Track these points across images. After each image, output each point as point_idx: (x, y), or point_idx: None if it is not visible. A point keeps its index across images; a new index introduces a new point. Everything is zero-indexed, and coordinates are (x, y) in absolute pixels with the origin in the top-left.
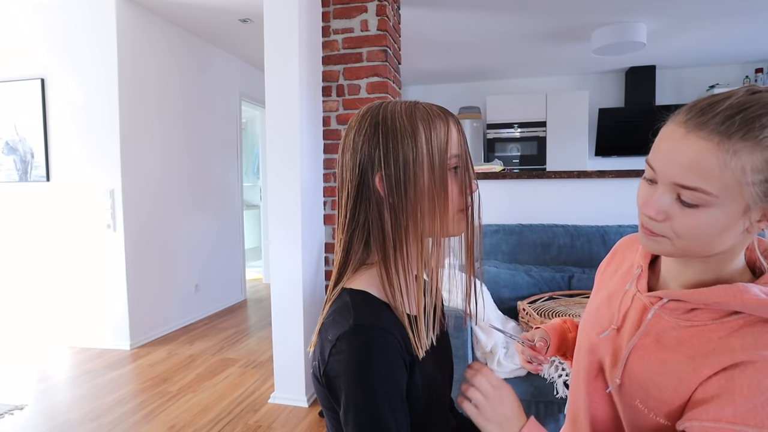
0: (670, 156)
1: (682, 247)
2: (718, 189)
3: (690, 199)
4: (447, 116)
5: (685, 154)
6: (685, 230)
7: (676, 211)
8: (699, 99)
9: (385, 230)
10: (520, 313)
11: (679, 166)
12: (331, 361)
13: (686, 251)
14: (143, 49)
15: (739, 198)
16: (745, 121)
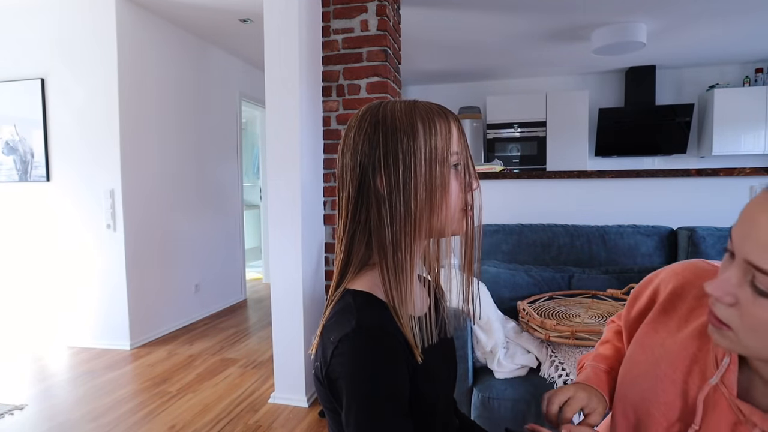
0: (747, 227)
1: (754, 349)
2: None
3: (765, 286)
4: (447, 114)
5: (764, 227)
6: (754, 325)
7: (747, 297)
8: None
9: (386, 230)
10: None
11: (756, 241)
12: (334, 362)
13: (759, 353)
14: (143, 49)
15: None
16: None
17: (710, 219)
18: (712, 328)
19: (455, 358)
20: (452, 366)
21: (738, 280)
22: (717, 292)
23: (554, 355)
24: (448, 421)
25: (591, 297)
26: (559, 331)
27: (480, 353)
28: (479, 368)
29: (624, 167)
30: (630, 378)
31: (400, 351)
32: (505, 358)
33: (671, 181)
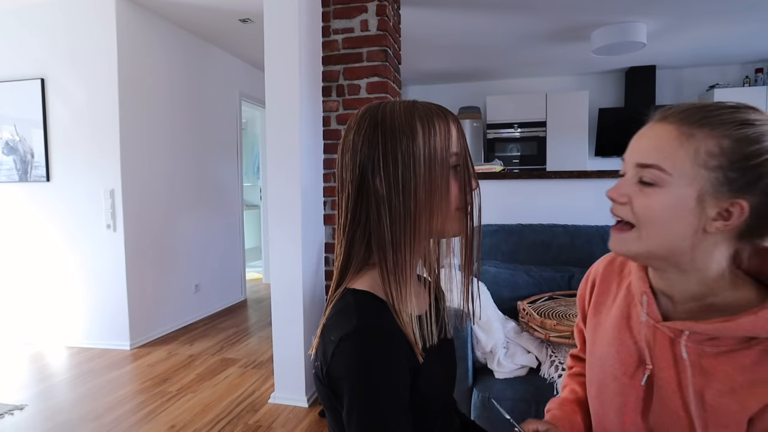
0: (635, 143)
1: (647, 240)
2: (673, 167)
3: (648, 177)
4: (446, 115)
5: (648, 137)
6: (642, 210)
7: (635, 192)
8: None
9: (386, 230)
10: (520, 313)
11: (641, 148)
12: (334, 361)
13: (649, 245)
14: (143, 49)
15: (692, 181)
16: (703, 113)
17: None
18: (614, 238)
19: (455, 358)
20: (452, 366)
21: (629, 182)
22: (614, 193)
23: (554, 355)
24: (447, 421)
25: None
26: (559, 331)
27: (480, 353)
28: (479, 368)
29: None
30: (592, 365)
31: (400, 350)
32: (505, 358)
33: None
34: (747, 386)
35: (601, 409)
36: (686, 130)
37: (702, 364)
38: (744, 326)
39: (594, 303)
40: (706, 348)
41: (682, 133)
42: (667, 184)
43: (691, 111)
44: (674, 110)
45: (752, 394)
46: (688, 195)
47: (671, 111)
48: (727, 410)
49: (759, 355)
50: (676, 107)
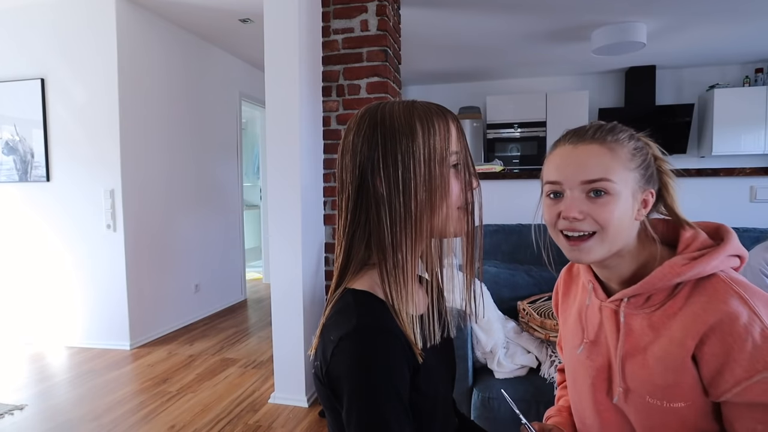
0: (570, 164)
1: (608, 241)
2: (615, 175)
3: (599, 188)
4: (445, 114)
5: (581, 157)
6: (607, 218)
7: (590, 206)
8: (567, 131)
9: (386, 231)
10: (520, 313)
11: (581, 167)
12: (334, 361)
13: (611, 245)
14: (143, 49)
15: (628, 183)
16: (608, 132)
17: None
18: (576, 251)
19: (454, 358)
20: (451, 366)
21: (579, 199)
22: (574, 212)
23: (554, 355)
24: (447, 421)
25: None
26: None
27: (480, 353)
28: (479, 368)
29: None
30: (565, 359)
31: (400, 350)
32: (505, 358)
33: None
34: (680, 327)
35: (577, 399)
36: (609, 146)
37: (644, 324)
38: (657, 276)
39: (561, 308)
40: (645, 310)
41: (609, 149)
42: (614, 191)
43: (600, 132)
44: (586, 132)
45: (686, 332)
46: (628, 194)
47: (584, 134)
48: (671, 356)
49: (683, 300)
50: (581, 131)
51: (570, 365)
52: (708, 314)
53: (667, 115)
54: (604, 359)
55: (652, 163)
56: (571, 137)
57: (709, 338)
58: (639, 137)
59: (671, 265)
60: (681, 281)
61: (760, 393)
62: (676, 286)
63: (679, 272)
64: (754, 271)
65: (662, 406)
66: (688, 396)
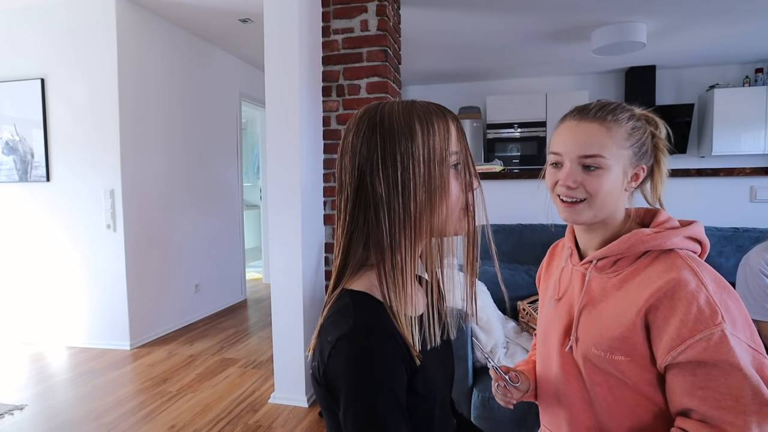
0: (571, 139)
1: (596, 207)
2: (609, 153)
3: (593, 163)
4: (445, 114)
5: (582, 134)
6: (597, 189)
7: (584, 177)
8: (575, 107)
9: (385, 232)
10: (520, 313)
11: (580, 143)
12: (331, 362)
13: (598, 211)
14: (143, 49)
15: (620, 160)
16: (610, 112)
17: (710, 219)
18: (568, 211)
19: (453, 359)
20: (449, 367)
21: (575, 170)
22: (569, 181)
23: None
24: (445, 422)
25: None
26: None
27: (480, 353)
28: (479, 368)
29: None
30: (539, 317)
31: (397, 352)
32: (505, 358)
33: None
34: (636, 289)
35: (546, 353)
36: (607, 126)
37: (608, 286)
38: (624, 241)
39: (543, 279)
40: (609, 274)
41: (607, 129)
42: (606, 166)
43: (603, 111)
44: (589, 111)
45: (640, 294)
46: (619, 170)
47: (588, 112)
48: (624, 313)
49: (643, 267)
50: (586, 109)
51: (542, 322)
52: (661, 280)
53: (667, 115)
54: (570, 316)
55: (648, 141)
56: (576, 114)
57: (661, 303)
58: (640, 116)
59: (638, 233)
60: (645, 250)
61: (701, 351)
62: (640, 256)
63: (643, 240)
64: (754, 271)
65: (604, 356)
66: (630, 352)
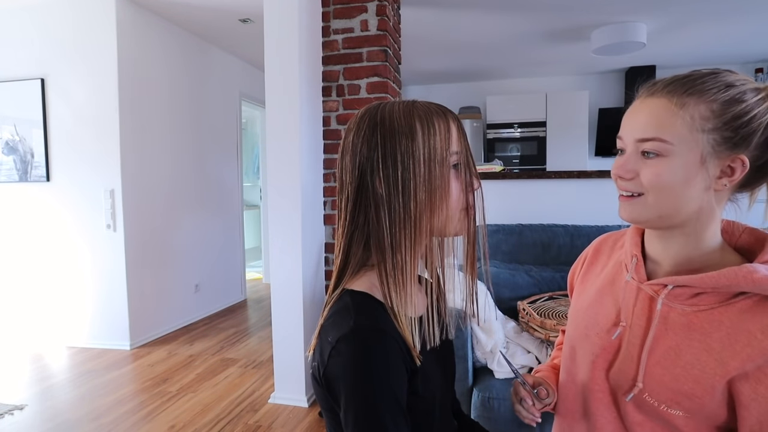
0: (631, 120)
1: (655, 204)
2: (673, 136)
3: (650, 149)
4: (446, 114)
5: (642, 112)
6: (652, 180)
7: (641, 165)
8: (656, 80)
9: (385, 231)
10: (520, 313)
11: (638, 124)
12: (331, 362)
13: (660, 210)
14: (143, 49)
15: (693, 146)
16: (689, 83)
17: None
18: (624, 206)
19: (453, 360)
20: (450, 367)
21: (632, 158)
22: (620, 170)
23: None
24: (445, 423)
25: None
26: (559, 331)
27: (480, 353)
28: (479, 368)
29: None
30: (571, 324)
31: (397, 352)
32: None
33: None
34: (725, 342)
35: (572, 366)
36: (678, 100)
37: (680, 321)
38: (726, 276)
39: (583, 273)
40: (686, 307)
41: (675, 104)
42: (669, 152)
43: (677, 83)
44: (660, 84)
45: (732, 351)
46: (691, 159)
47: (657, 86)
48: (702, 368)
49: (738, 313)
50: (661, 82)
51: (575, 333)
52: (766, 338)
53: None
54: (617, 340)
55: (763, 123)
56: (646, 89)
57: (764, 374)
58: (751, 88)
59: (750, 272)
60: (746, 292)
61: None
62: (736, 294)
63: (754, 281)
64: None
65: (657, 406)
66: (694, 411)
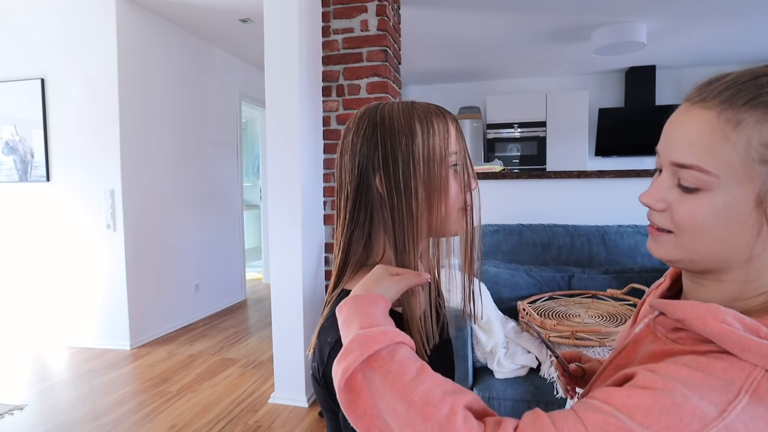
0: (669, 133)
1: (688, 248)
2: (718, 167)
3: (688, 181)
4: (444, 115)
5: (684, 127)
6: (685, 221)
7: (675, 198)
8: (710, 78)
9: (390, 232)
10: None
11: (677, 141)
12: (330, 363)
13: (694, 255)
14: (143, 49)
15: (746, 181)
16: (754, 89)
17: None
18: (651, 240)
19: (453, 360)
20: (450, 367)
21: (667, 184)
22: (649, 199)
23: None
24: None
25: (591, 297)
26: (559, 331)
27: (480, 353)
28: (479, 368)
29: (624, 167)
30: None
31: None
32: (505, 358)
33: None
34: None
35: None
36: (731, 116)
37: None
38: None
39: None
40: (666, 341)
41: (727, 121)
42: (713, 187)
43: (737, 87)
44: (716, 87)
45: None
46: (742, 198)
47: (712, 89)
48: None
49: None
50: (718, 83)
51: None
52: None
53: (668, 115)
54: None
55: None
56: (698, 90)
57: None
58: None
59: (709, 310)
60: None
61: None
62: (705, 340)
63: (705, 325)
64: None
65: None
66: None
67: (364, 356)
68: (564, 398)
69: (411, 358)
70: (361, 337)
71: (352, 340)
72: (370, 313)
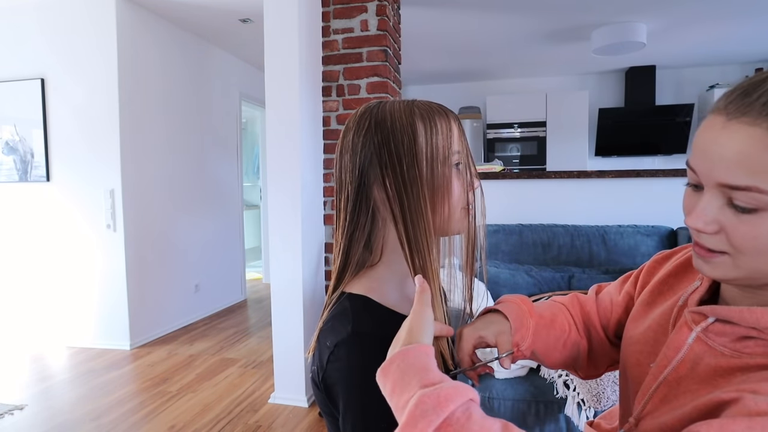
0: (710, 151)
1: (748, 268)
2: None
3: (745, 202)
4: (447, 113)
5: (727, 146)
6: (746, 243)
7: (729, 219)
8: (745, 79)
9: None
10: None
11: (723, 161)
12: (330, 368)
13: (755, 274)
14: (143, 49)
15: None
16: None
17: None
18: (702, 261)
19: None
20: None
21: (715, 206)
22: (698, 222)
23: None
24: None
25: None
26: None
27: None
28: None
29: (624, 167)
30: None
31: None
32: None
33: (671, 181)
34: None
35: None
36: None
37: (711, 365)
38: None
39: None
40: (727, 351)
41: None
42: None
43: None
44: (758, 98)
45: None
46: None
47: (753, 102)
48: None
49: None
50: (755, 92)
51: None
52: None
53: (667, 115)
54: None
55: None
56: (732, 101)
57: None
58: None
59: None
60: None
61: None
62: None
63: None
64: None
65: None
66: None
67: (441, 419)
68: (564, 398)
69: (488, 418)
70: (430, 397)
71: (419, 402)
72: (430, 367)
